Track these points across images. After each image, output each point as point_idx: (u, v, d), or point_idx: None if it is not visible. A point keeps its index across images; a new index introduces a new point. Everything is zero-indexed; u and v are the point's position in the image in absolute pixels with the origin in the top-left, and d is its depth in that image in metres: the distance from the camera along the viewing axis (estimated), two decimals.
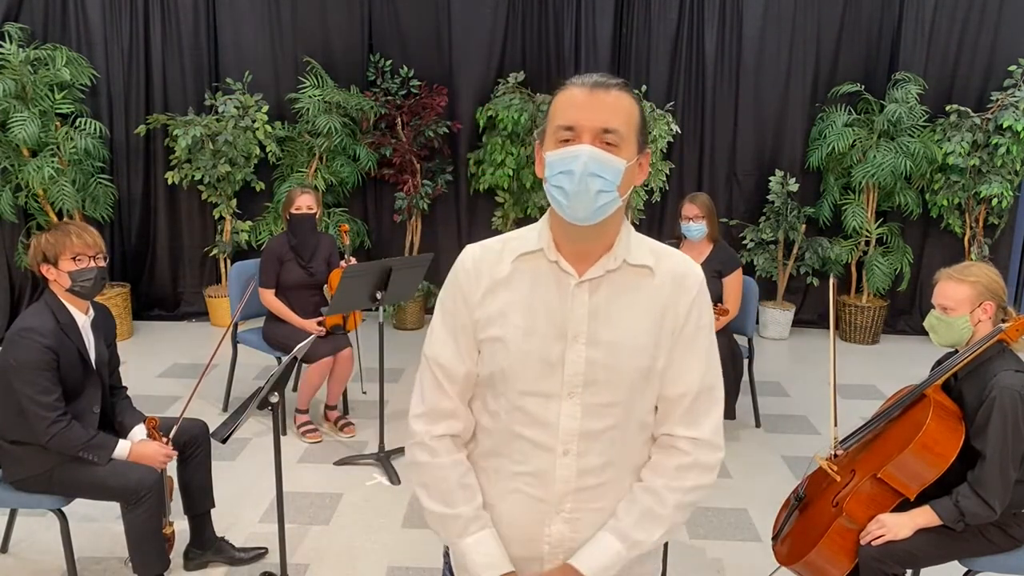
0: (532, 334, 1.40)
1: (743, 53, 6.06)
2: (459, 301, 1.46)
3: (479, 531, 1.45)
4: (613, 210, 1.36)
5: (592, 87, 1.33)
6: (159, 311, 6.30)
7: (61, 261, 2.59)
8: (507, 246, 1.46)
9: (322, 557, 3.14)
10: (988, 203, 5.84)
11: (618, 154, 1.32)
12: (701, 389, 1.44)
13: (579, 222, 1.35)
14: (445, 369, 1.46)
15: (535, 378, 1.40)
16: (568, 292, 1.40)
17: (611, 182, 1.32)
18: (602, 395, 1.40)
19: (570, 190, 1.32)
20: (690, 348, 1.44)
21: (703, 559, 3.20)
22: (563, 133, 1.33)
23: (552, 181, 1.34)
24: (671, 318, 1.42)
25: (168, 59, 5.98)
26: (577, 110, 1.32)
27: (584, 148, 1.30)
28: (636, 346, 1.40)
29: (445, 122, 6.00)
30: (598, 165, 1.31)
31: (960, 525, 2.32)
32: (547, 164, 1.35)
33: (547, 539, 1.45)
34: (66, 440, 2.54)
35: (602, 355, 1.39)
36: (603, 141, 1.32)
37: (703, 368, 1.45)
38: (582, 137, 1.31)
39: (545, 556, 1.47)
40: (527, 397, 1.41)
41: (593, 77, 1.34)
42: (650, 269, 1.43)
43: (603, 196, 1.32)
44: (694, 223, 4.05)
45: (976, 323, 2.38)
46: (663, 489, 1.44)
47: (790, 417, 4.65)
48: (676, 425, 1.45)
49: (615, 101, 1.32)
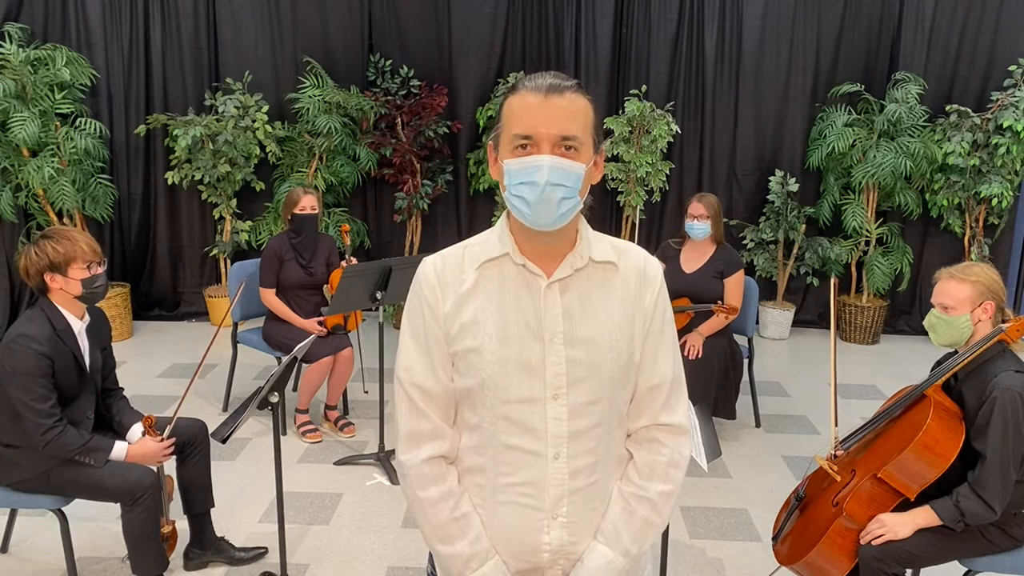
0: (508, 340, 1.38)
1: (743, 53, 6.06)
2: (427, 315, 1.42)
3: (480, 567, 1.43)
4: (575, 213, 1.37)
5: (547, 92, 1.30)
6: (159, 311, 6.30)
7: (71, 269, 2.59)
8: (468, 252, 1.44)
9: (322, 557, 3.14)
10: (988, 203, 5.84)
11: (577, 159, 1.32)
12: (673, 378, 1.47)
13: (543, 228, 1.34)
14: (422, 388, 1.43)
15: (517, 384, 1.39)
16: (539, 294, 1.39)
17: (573, 188, 1.32)
18: (586, 393, 1.40)
19: (532, 200, 1.31)
20: (660, 340, 1.46)
21: (703, 559, 3.20)
22: (520, 141, 1.31)
23: (513, 190, 1.33)
24: (640, 312, 1.44)
25: (168, 59, 5.98)
26: (533, 118, 1.30)
27: (545, 159, 1.29)
28: (612, 341, 1.40)
29: (445, 122, 6.00)
30: (560, 174, 1.30)
31: (960, 525, 2.32)
32: (506, 173, 1.33)
33: (547, 547, 1.43)
34: (62, 445, 2.54)
35: (582, 353, 1.39)
36: (562, 148, 1.31)
37: (672, 359, 1.48)
38: (541, 147, 1.30)
39: (545, 565, 1.45)
40: (511, 405, 1.39)
41: (547, 79, 1.32)
42: (614, 264, 1.44)
43: (566, 203, 1.32)
44: (699, 222, 4.05)
45: (976, 323, 2.38)
46: (658, 497, 1.45)
47: (790, 417, 4.65)
48: (657, 415, 1.46)
49: (570, 105, 1.30)
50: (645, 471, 1.46)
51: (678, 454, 1.47)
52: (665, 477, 1.46)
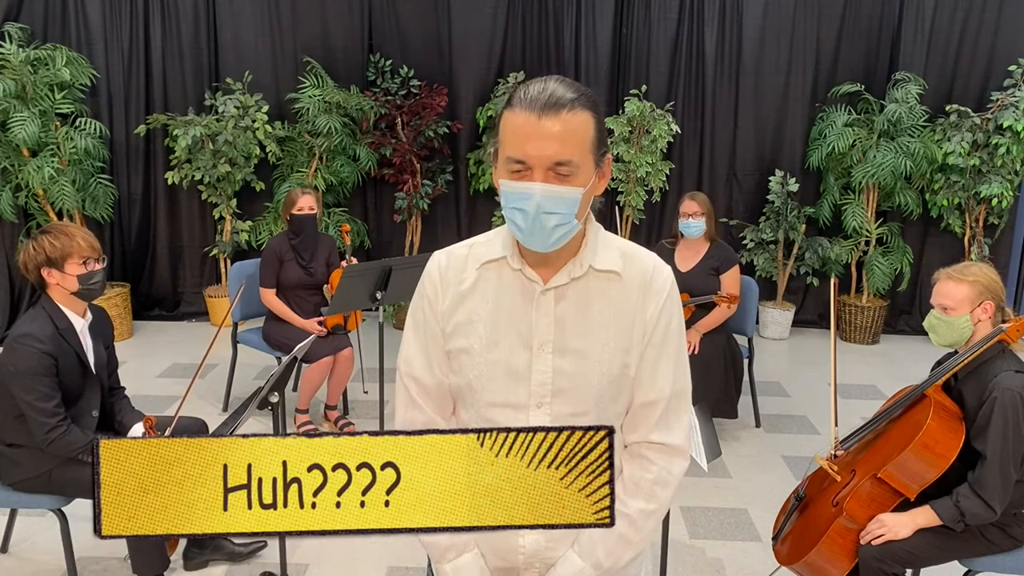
0: (497, 344, 1.38)
1: (743, 53, 6.06)
2: (427, 310, 1.44)
3: (457, 558, 1.46)
4: (572, 236, 1.33)
5: (541, 112, 1.23)
6: (159, 311, 6.30)
7: (68, 264, 2.59)
8: (472, 251, 1.44)
9: (322, 557, 3.14)
10: (988, 203, 5.83)
11: (573, 183, 1.27)
12: (672, 394, 1.42)
13: (537, 251, 1.33)
14: (418, 381, 1.45)
15: (503, 389, 1.39)
16: (533, 300, 1.37)
17: (567, 214, 1.28)
18: (570, 405, 1.38)
19: (525, 227, 1.28)
20: (660, 354, 1.41)
21: (703, 559, 3.20)
22: (514, 165, 1.27)
23: (508, 210, 1.30)
24: (640, 324, 1.39)
25: (168, 59, 5.98)
26: (527, 142, 1.24)
27: (536, 188, 1.25)
28: (604, 354, 1.37)
29: (445, 122, 6.00)
30: (552, 202, 1.26)
31: (960, 525, 2.32)
32: (502, 193, 1.30)
33: (522, 550, 1.44)
34: (65, 444, 2.54)
35: (569, 364, 1.37)
36: (556, 174, 1.26)
37: (673, 373, 1.42)
38: (534, 173, 1.26)
39: (521, 566, 1.46)
40: (495, 408, 1.40)
41: (544, 93, 1.25)
42: (617, 274, 1.39)
43: (559, 229, 1.29)
44: (693, 220, 4.06)
45: (976, 323, 2.38)
46: (638, 515, 1.43)
47: (790, 417, 4.65)
48: (650, 432, 1.42)
49: (565, 127, 1.24)
50: (630, 487, 1.44)
51: (667, 473, 1.43)
52: (649, 496, 1.43)
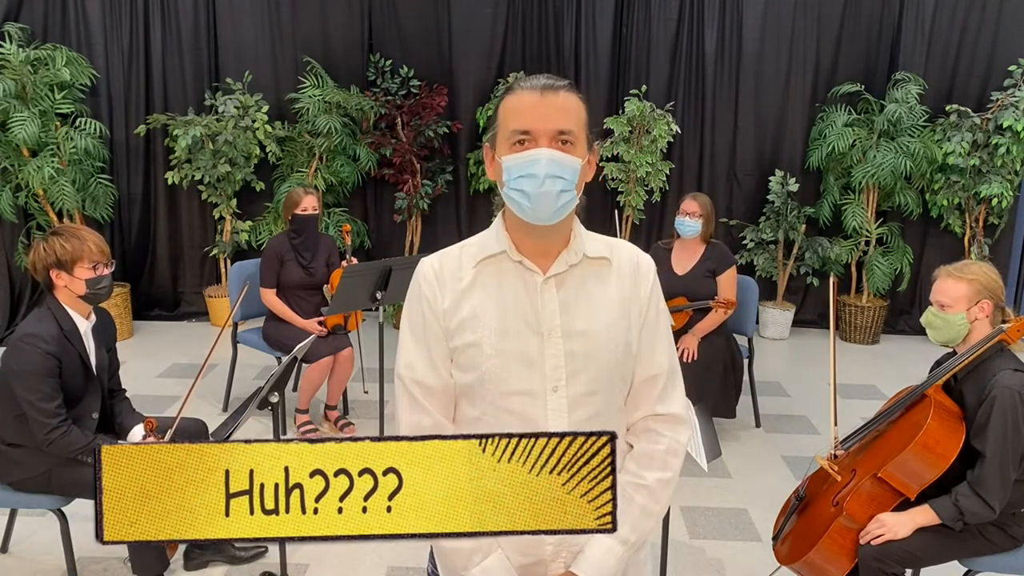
0: (506, 333, 1.42)
1: (743, 53, 6.06)
2: (427, 312, 1.46)
3: (483, 560, 1.44)
4: (572, 208, 1.41)
5: (542, 90, 1.35)
6: (159, 311, 6.30)
7: (77, 268, 2.59)
8: (465, 251, 1.49)
9: (322, 557, 3.14)
10: (988, 203, 5.83)
11: (573, 153, 1.37)
12: (669, 369, 1.51)
13: (541, 222, 1.38)
14: (423, 384, 1.46)
15: (517, 378, 1.41)
16: (536, 289, 1.43)
17: (571, 181, 1.36)
18: (585, 384, 1.43)
19: (532, 193, 1.35)
20: (656, 332, 1.50)
21: (703, 559, 3.20)
22: (518, 137, 1.35)
23: (512, 185, 1.37)
24: (636, 304, 1.48)
25: (168, 59, 5.98)
26: (531, 114, 1.35)
27: (543, 152, 1.34)
28: (610, 332, 1.44)
29: (445, 122, 6.00)
30: (558, 167, 1.34)
31: (959, 525, 2.32)
32: (505, 169, 1.37)
33: (549, 539, 1.44)
34: (66, 444, 2.55)
35: (579, 345, 1.42)
36: (559, 142, 1.35)
37: (667, 350, 1.52)
38: (539, 141, 1.35)
39: (548, 557, 1.46)
40: (512, 397, 1.42)
41: (541, 80, 1.37)
42: (607, 260, 1.48)
43: (564, 196, 1.36)
44: (691, 219, 4.04)
45: (972, 321, 2.38)
46: (656, 484, 1.48)
47: (790, 417, 4.65)
48: (654, 406, 1.50)
49: (565, 102, 1.36)
50: (643, 460, 1.49)
51: (676, 442, 1.50)
52: (664, 465, 1.49)
